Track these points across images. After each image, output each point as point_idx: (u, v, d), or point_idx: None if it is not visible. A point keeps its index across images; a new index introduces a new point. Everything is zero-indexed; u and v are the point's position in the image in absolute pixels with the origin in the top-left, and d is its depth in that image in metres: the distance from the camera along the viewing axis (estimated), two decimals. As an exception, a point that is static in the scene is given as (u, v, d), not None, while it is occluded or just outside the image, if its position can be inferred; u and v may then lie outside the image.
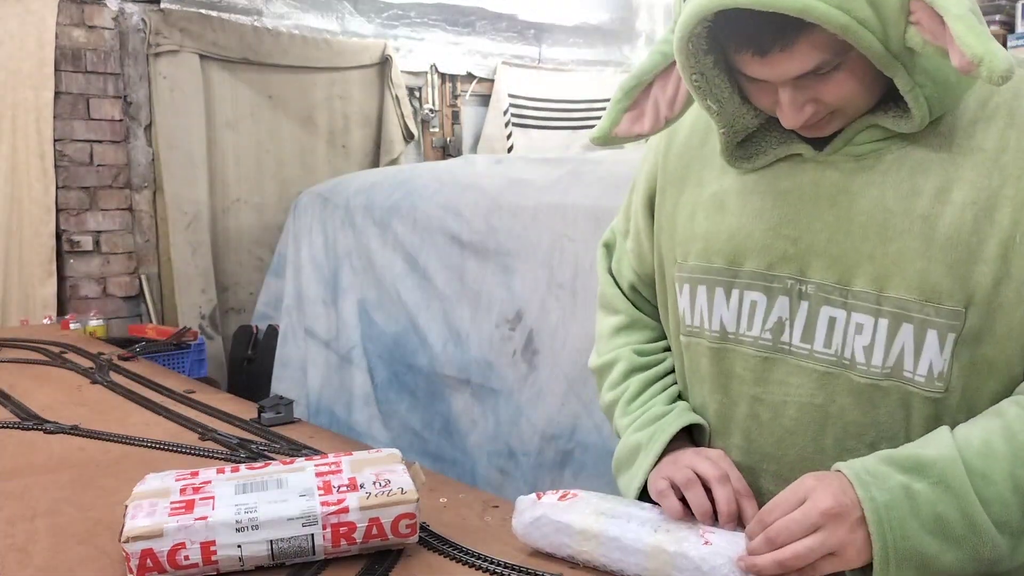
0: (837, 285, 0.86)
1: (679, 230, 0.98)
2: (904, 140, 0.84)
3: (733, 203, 0.92)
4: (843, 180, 0.86)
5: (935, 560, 0.75)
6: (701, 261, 0.94)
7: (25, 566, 0.91)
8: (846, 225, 0.85)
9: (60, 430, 1.45)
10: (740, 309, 0.92)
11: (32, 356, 2.16)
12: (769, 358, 0.90)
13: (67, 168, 3.57)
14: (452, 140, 4.79)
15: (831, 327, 0.86)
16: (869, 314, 0.84)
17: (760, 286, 0.90)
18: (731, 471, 0.91)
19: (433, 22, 4.65)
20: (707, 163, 0.96)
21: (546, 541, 0.91)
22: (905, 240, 0.82)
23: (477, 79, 4.84)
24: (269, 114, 4.11)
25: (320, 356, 3.19)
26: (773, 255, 0.89)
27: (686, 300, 0.97)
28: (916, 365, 0.83)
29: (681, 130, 1.00)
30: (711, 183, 0.95)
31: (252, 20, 4.05)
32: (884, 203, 0.84)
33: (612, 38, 5.39)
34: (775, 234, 0.89)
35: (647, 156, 1.06)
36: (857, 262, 0.84)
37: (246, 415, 1.53)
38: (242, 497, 0.89)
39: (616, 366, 1.08)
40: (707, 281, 0.94)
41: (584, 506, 0.91)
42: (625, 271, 1.11)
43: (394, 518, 0.89)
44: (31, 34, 3.43)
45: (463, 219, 2.60)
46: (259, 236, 4.13)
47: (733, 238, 0.92)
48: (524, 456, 2.27)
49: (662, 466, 0.94)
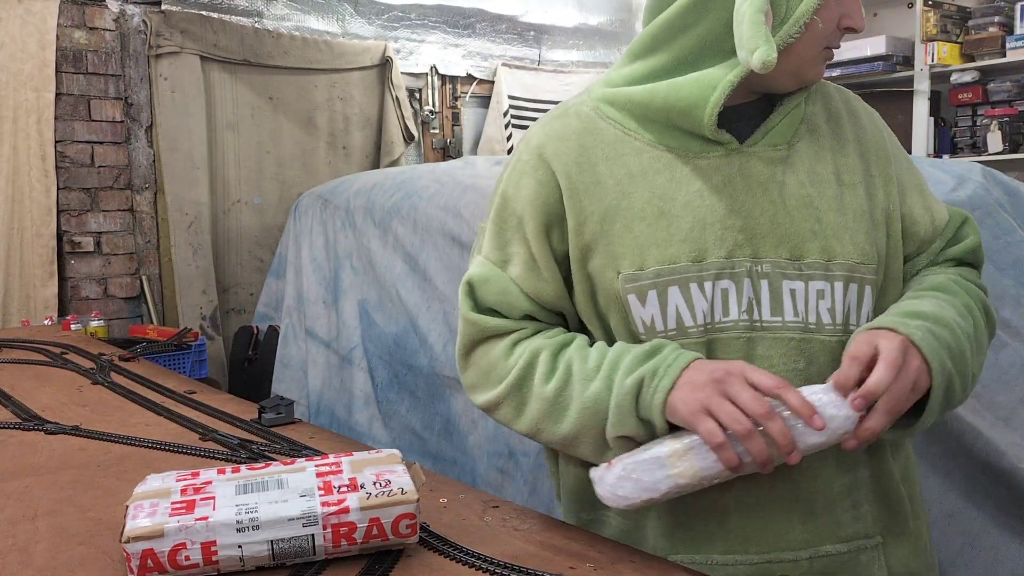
0: (790, 260, 0.97)
1: (616, 244, 0.98)
2: (801, 136, 1.01)
3: (674, 205, 0.98)
4: (767, 170, 0.99)
5: (952, 386, 0.93)
6: (663, 264, 0.96)
7: (26, 566, 0.91)
8: (782, 208, 0.98)
9: (61, 431, 1.45)
10: (714, 299, 0.97)
11: (33, 357, 2.16)
12: (751, 338, 0.97)
13: (68, 169, 3.58)
14: (452, 141, 4.79)
15: (794, 298, 0.97)
16: (825, 280, 0.97)
17: (727, 274, 0.97)
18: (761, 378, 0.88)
19: (433, 24, 4.66)
20: (616, 177, 1.00)
21: (642, 485, 0.90)
22: (831, 216, 0.98)
23: (477, 81, 4.85)
24: (270, 115, 4.11)
25: (321, 357, 3.19)
26: (729, 244, 0.97)
27: (654, 307, 0.97)
28: (859, 318, 0.99)
29: (565, 155, 1.01)
30: (635, 193, 0.99)
31: (253, 22, 4.06)
32: (805, 188, 0.99)
33: (612, 40, 5.40)
34: (725, 224, 0.97)
35: (524, 186, 1.02)
36: (804, 238, 0.97)
37: (247, 416, 1.53)
38: (243, 497, 0.89)
39: (539, 358, 0.99)
40: (678, 281, 0.96)
41: (653, 445, 0.92)
42: (517, 302, 1.03)
43: (394, 518, 0.89)
44: (32, 35, 3.44)
45: (463, 220, 2.60)
46: (260, 237, 4.13)
47: (689, 236, 0.96)
48: (524, 456, 2.27)
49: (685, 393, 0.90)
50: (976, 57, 4.16)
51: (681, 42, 0.98)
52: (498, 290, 1.03)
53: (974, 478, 1.63)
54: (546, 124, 1.06)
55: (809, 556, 0.98)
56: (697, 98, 0.96)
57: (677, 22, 0.97)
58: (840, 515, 0.99)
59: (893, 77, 4.29)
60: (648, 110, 1.00)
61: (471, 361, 1.06)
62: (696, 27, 0.96)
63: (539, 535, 0.97)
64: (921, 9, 4.11)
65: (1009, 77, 4.09)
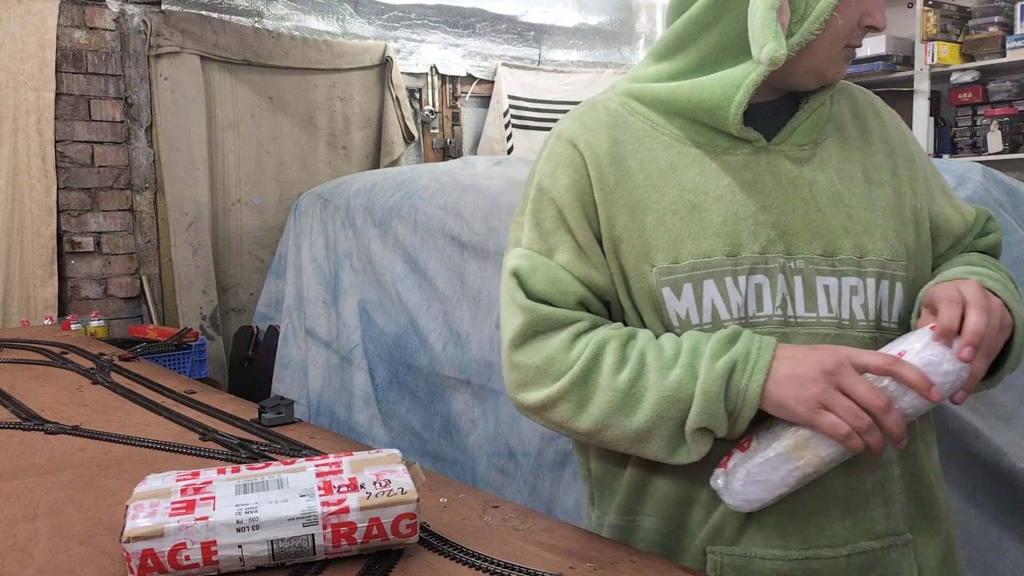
0: (823, 256, 0.98)
1: (649, 237, 0.98)
2: (827, 134, 1.03)
3: (706, 199, 0.98)
4: (794, 168, 1.00)
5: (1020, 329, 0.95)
6: (698, 258, 0.96)
7: (26, 566, 0.91)
8: (814, 205, 0.98)
9: (61, 430, 1.45)
10: (747, 293, 0.97)
11: (33, 357, 2.16)
12: (784, 333, 0.97)
13: (68, 169, 3.58)
14: (452, 141, 4.79)
15: (827, 294, 0.97)
16: (858, 276, 0.98)
17: (761, 269, 0.97)
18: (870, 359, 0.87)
19: (433, 24, 4.66)
20: (646, 171, 1.00)
21: (772, 484, 0.90)
22: (862, 213, 0.99)
23: (477, 80, 4.85)
24: (270, 115, 4.11)
25: (321, 357, 3.19)
26: (763, 239, 0.97)
27: (689, 300, 0.97)
28: (890, 315, 1.00)
29: (597, 147, 1.01)
30: (665, 187, 0.99)
31: (253, 21, 4.06)
32: (835, 186, 1.00)
33: (612, 40, 5.40)
34: (757, 220, 0.97)
35: (560, 176, 1.02)
36: (836, 235, 0.98)
37: (247, 416, 1.53)
38: (243, 497, 0.89)
39: (607, 348, 0.95)
40: (713, 274, 0.96)
41: (765, 437, 0.91)
42: (570, 288, 1.00)
43: (394, 518, 0.89)
44: (32, 35, 3.44)
45: (463, 220, 2.60)
46: (260, 237, 4.13)
47: (722, 230, 0.97)
48: (524, 456, 2.27)
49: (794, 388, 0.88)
50: (976, 57, 4.16)
51: (704, 41, 0.98)
52: (548, 278, 1.00)
53: (974, 478, 1.63)
54: (576, 117, 1.06)
55: (847, 552, 0.97)
56: (720, 97, 0.96)
57: (699, 22, 0.98)
58: (873, 511, 0.99)
59: (893, 77, 4.30)
60: (674, 107, 1.01)
61: (521, 358, 0.99)
62: (718, 26, 0.97)
63: (539, 535, 0.97)
64: (921, 9, 4.11)
65: (1009, 77, 4.09)
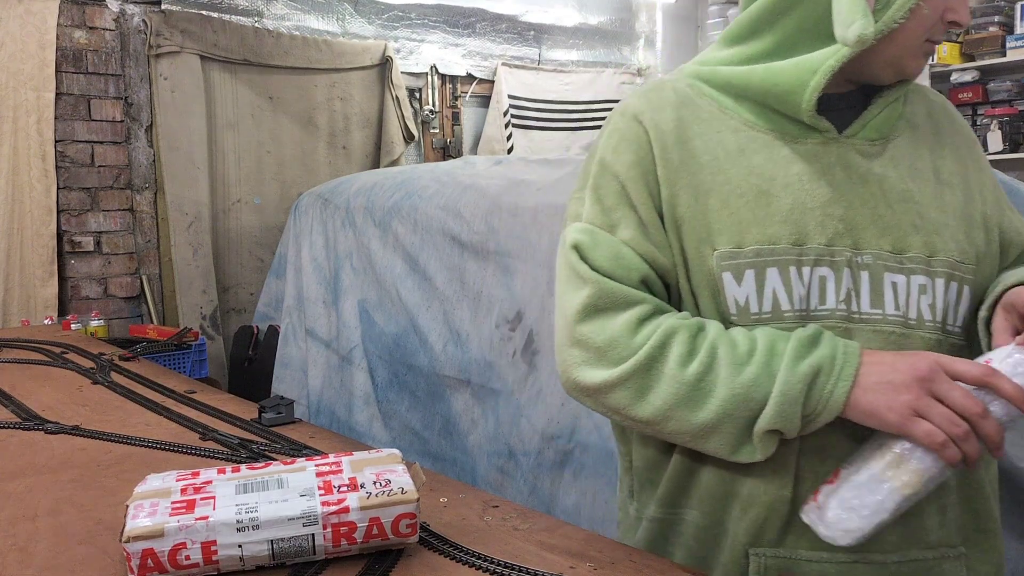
0: (892, 253, 0.95)
1: (712, 220, 0.95)
2: (899, 131, 1.00)
3: (773, 185, 0.95)
4: (864, 162, 0.97)
5: None
6: (763, 244, 0.93)
7: (26, 566, 0.91)
8: (883, 200, 0.96)
9: (61, 430, 1.45)
10: (811, 285, 0.94)
11: (33, 356, 2.16)
12: (848, 328, 0.93)
13: (68, 169, 3.58)
14: (452, 141, 4.79)
15: (895, 291, 0.94)
16: (927, 276, 0.95)
17: (826, 261, 0.94)
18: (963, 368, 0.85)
19: (433, 24, 4.66)
20: (712, 153, 0.97)
21: (869, 511, 0.84)
22: (932, 212, 0.97)
23: (477, 80, 4.85)
24: (270, 115, 4.11)
25: (321, 356, 3.19)
26: (830, 231, 0.94)
27: (750, 287, 0.93)
28: (956, 318, 0.97)
29: (663, 125, 0.99)
30: (731, 170, 0.96)
31: (253, 21, 4.06)
32: (905, 183, 0.97)
33: (612, 39, 5.40)
34: (826, 212, 0.94)
35: (623, 151, 0.99)
36: (906, 232, 0.95)
37: (247, 415, 1.53)
38: (243, 497, 0.89)
39: (675, 338, 0.91)
40: (778, 262, 0.93)
41: (853, 463, 0.87)
42: (633, 264, 0.97)
43: (394, 518, 0.89)
44: (32, 35, 3.44)
45: (463, 220, 2.60)
46: (260, 237, 4.13)
47: (789, 218, 0.94)
48: (524, 456, 2.27)
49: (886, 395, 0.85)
50: (976, 57, 4.16)
51: (781, 25, 0.96)
52: (611, 253, 0.96)
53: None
54: (642, 95, 1.03)
55: (898, 560, 0.94)
56: (795, 82, 0.94)
57: (777, 6, 0.95)
58: (927, 520, 0.96)
59: (893, 77, 4.28)
60: (746, 91, 0.99)
61: (588, 332, 0.94)
62: (796, 10, 0.95)
63: (539, 535, 0.97)
64: (921, 9, 4.10)
65: (1009, 77, 4.09)
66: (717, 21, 5.12)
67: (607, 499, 2.03)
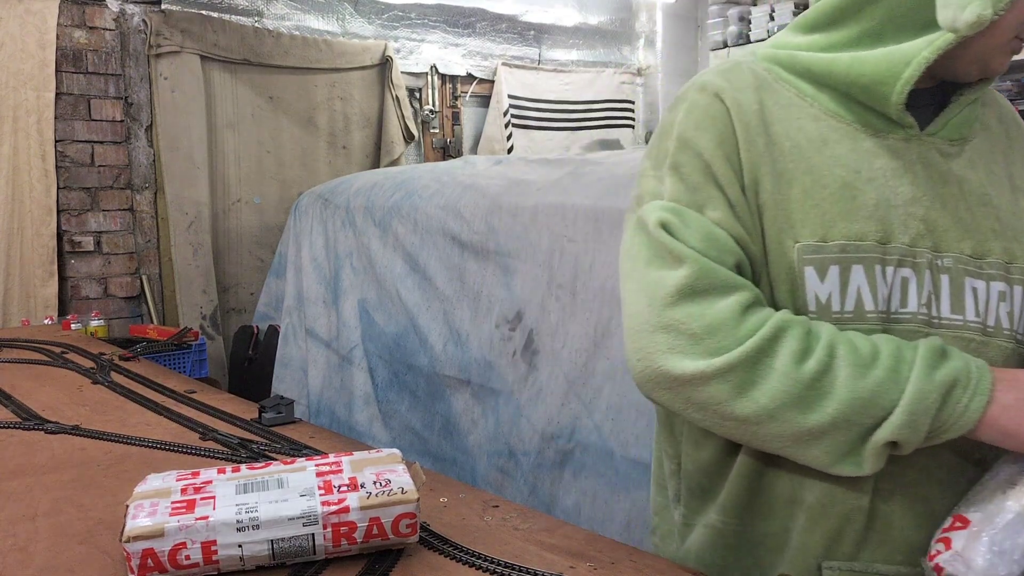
0: (972, 257, 0.92)
1: (795, 211, 0.90)
2: (975, 133, 0.97)
3: (858, 178, 0.91)
4: (944, 162, 0.94)
5: None
6: (850, 240, 0.89)
7: (26, 566, 0.91)
8: (963, 203, 0.93)
9: (61, 430, 1.45)
10: (893, 286, 0.90)
11: (33, 356, 2.16)
12: (928, 334, 0.89)
13: (68, 169, 3.58)
14: (452, 141, 4.79)
15: (976, 297, 0.91)
16: (1005, 283, 0.92)
17: (908, 262, 0.90)
18: None
19: (433, 23, 4.66)
20: (793, 140, 0.93)
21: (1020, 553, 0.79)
22: (1009, 218, 0.94)
23: (477, 80, 4.85)
24: (270, 115, 4.11)
25: (321, 356, 3.19)
26: (912, 231, 0.90)
27: (833, 284, 0.89)
28: None
29: (745, 106, 0.93)
30: (814, 159, 0.91)
31: (253, 21, 4.06)
32: (984, 187, 0.94)
33: (612, 39, 5.40)
34: (908, 211, 0.91)
35: (706, 128, 0.93)
36: (986, 236, 0.92)
37: (247, 415, 1.53)
38: (243, 497, 0.89)
39: (789, 332, 0.84)
40: (863, 260, 0.89)
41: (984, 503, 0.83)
42: (727, 246, 0.89)
43: (394, 518, 0.89)
44: (32, 35, 3.44)
45: (463, 220, 2.60)
46: (260, 236, 4.13)
47: (875, 214, 0.90)
48: (524, 456, 2.27)
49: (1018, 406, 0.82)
50: (976, 57, 4.16)
51: (868, 14, 0.91)
52: (703, 234, 0.88)
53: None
54: (720, 73, 0.96)
55: None
56: (886, 74, 0.89)
57: None
58: None
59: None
60: (828, 79, 0.94)
61: (681, 316, 0.85)
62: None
63: (539, 535, 0.97)
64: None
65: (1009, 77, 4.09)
66: (717, 21, 5.11)
67: (607, 499, 2.03)
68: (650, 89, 5.56)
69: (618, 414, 2.02)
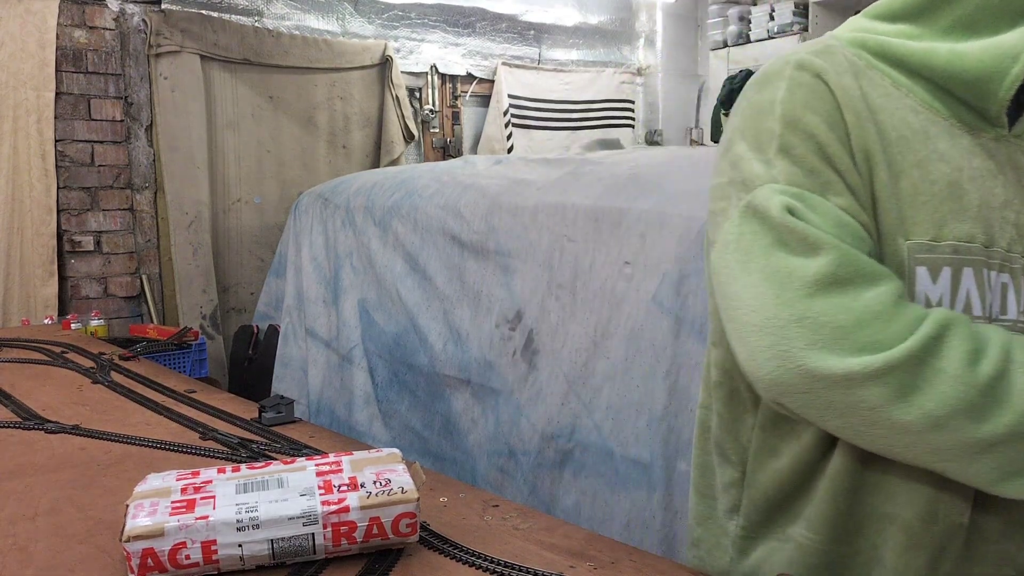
0: None
1: (904, 205, 0.84)
2: None
3: (962, 176, 0.86)
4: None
5: None
6: (960, 241, 0.84)
7: (26, 565, 0.91)
8: None
9: (61, 430, 1.45)
10: (995, 291, 0.85)
11: (33, 356, 2.16)
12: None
13: (68, 168, 3.58)
14: (452, 141, 4.79)
15: None
16: None
17: (1007, 268, 0.86)
18: None
19: (433, 23, 4.66)
20: (898, 130, 0.87)
21: None
22: None
23: (477, 80, 4.85)
24: (270, 115, 4.11)
25: (321, 356, 3.19)
26: (1008, 235, 0.87)
27: (945, 285, 0.84)
28: None
29: (849, 89, 0.87)
30: (920, 151, 0.86)
31: (253, 21, 4.06)
32: None
33: (612, 39, 5.40)
34: (1003, 214, 0.87)
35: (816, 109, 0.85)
36: None
37: (247, 415, 1.53)
38: (243, 496, 0.89)
39: (954, 330, 0.76)
40: (973, 263, 0.84)
41: None
42: (859, 234, 0.82)
43: (394, 517, 0.89)
44: (32, 35, 3.44)
45: (463, 219, 2.60)
46: (260, 236, 4.13)
47: (979, 215, 0.85)
48: (524, 456, 2.27)
49: None
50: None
51: (962, 3, 0.86)
52: (833, 220, 0.80)
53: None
54: (816, 53, 0.89)
55: None
56: (992, 70, 0.83)
57: None
58: None
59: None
60: (923, 70, 0.88)
61: (824, 307, 0.76)
62: None
63: (539, 535, 0.97)
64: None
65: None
66: (717, 21, 5.11)
67: (607, 499, 2.03)
68: (650, 89, 5.56)
69: (618, 414, 2.02)
